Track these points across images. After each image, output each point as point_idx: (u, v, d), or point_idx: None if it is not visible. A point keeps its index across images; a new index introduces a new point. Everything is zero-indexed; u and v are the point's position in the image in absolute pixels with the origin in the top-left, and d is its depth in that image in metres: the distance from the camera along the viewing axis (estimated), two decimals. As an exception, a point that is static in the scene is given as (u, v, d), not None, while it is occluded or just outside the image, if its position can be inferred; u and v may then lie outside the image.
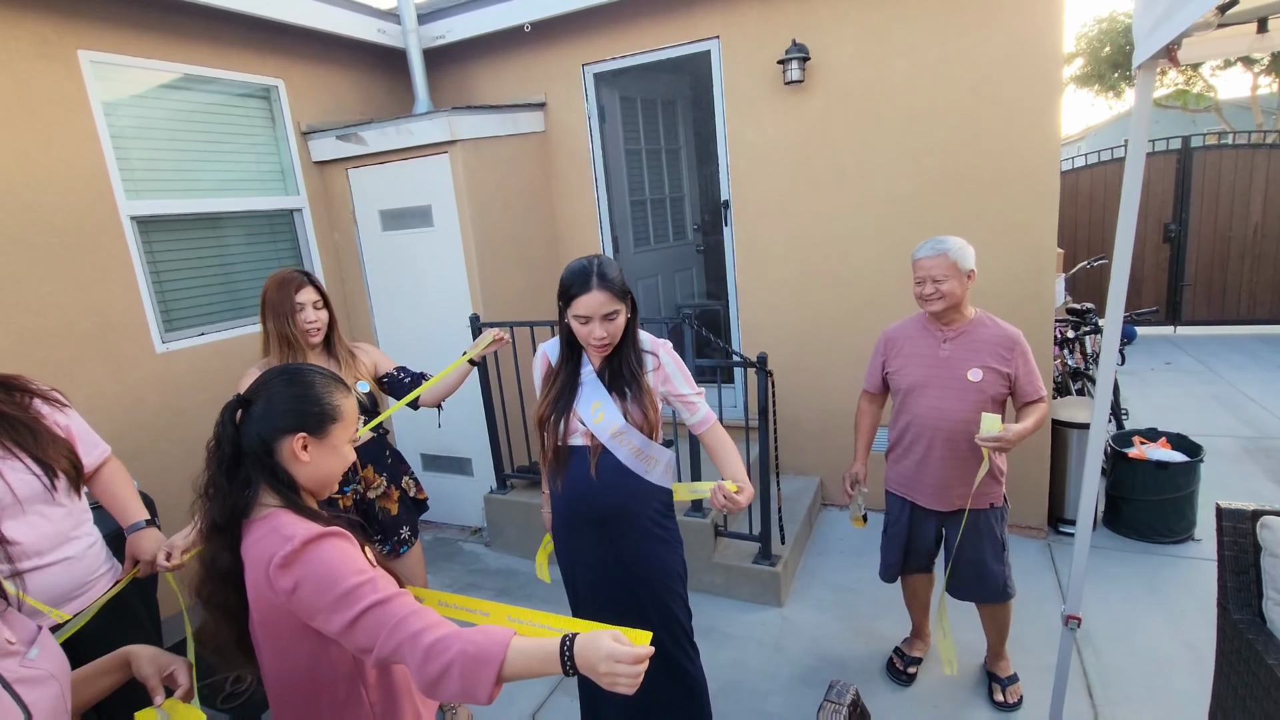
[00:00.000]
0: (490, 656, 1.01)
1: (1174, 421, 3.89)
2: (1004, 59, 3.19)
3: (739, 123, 3.76)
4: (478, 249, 3.64)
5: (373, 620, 1.06)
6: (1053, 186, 3.22)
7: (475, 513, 4.02)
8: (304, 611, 1.09)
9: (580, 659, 1.02)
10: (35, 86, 2.66)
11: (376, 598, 1.07)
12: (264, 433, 1.17)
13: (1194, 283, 7.19)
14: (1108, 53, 12.90)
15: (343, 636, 1.08)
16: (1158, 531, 3.33)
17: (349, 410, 1.26)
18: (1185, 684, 2.41)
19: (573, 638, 1.04)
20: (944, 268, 2.15)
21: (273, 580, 1.08)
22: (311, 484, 1.23)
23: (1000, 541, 2.33)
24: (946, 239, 2.19)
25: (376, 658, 1.06)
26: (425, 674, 1.02)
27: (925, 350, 2.30)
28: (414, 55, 3.97)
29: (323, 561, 1.09)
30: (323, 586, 1.07)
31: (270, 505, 1.17)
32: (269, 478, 1.18)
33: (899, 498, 2.45)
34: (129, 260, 2.97)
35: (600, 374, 1.89)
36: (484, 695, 1.01)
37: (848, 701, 1.28)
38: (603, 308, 1.74)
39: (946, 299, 2.17)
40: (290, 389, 1.21)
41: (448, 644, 1.02)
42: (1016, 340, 2.21)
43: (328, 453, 1.23)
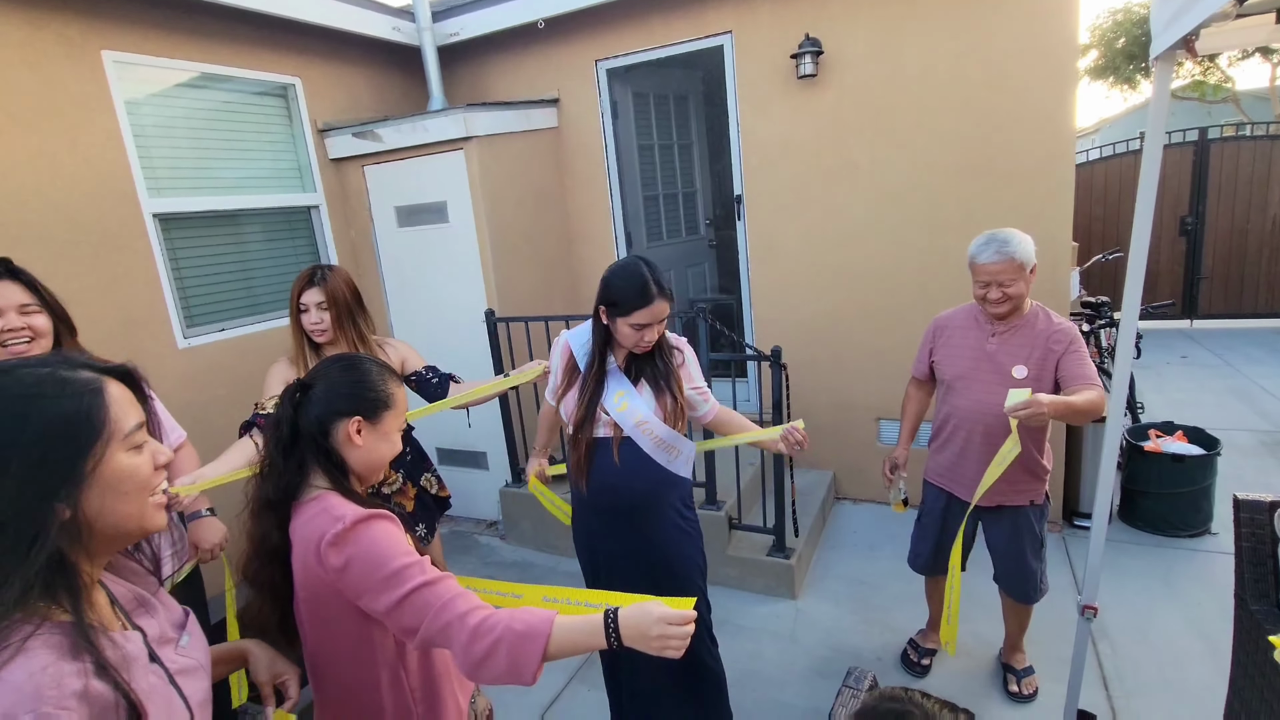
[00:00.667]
0: (537, 633, 1.04)
1: (1190, 415, 3.87)
2: (1018, 51, 3.18)
3: (752, 117, 3.76)
4: (492, 245, 3.67)
5: (420, 600, 1.08)
6: (1068, 179, 3.21)
7: (491, 506, 4.06)
8: (352, 590, 1.12)
9: (627, 629, 1.06)
10: (61, 87, 2.71)
11: (424, 579, 1.10)
12: (322, 415, 1.22)
13: (1211, 276, 7.12)
14: (1123, 44, 12.76)
15: (389, 616, 1.10)
16: (1173, 525, 3.32)
17: (401, 399, 1.32)
18: (1201, 676, 2.41)
19: (615, 611, 1.07)
20: (1011, 271, 2.04)
21: (323, 558, 1.11)
22: (361, 468, 1.27)
23: (1039, 539, 2.30)
24: (1008, 237, 2.06)
25: (422, 638, 1.09)
26: (471, 654, 1.04)
27: (973, 342, 2.23)
28: (428, 52, 4.00)
29: (373, 541, 1.12)
30: (372, 565, 1.10)
31: (320, 488, 1.22)
32: (322, 459, 1.22)
33: (937, 488, 2.42)
34: (151, 257, 3.02)
35: (626, 369, 1.92)
36: (529, 672, 1.03)
37: (865, 687, 1.30)
38: (662, 314, 1.79)
39: (1013, 302, 2.08)
40: (348, 375, 1.27)
41: (494, 623, 1.05)
42: (1067, 333, 2.09)
43: (379, 438, 1.27)
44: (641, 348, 1.84)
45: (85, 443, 0.78)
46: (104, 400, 0.81)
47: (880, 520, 3.77)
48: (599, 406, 1.89)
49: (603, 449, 1.92)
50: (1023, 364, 2.12)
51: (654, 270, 1.81)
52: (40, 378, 0.78)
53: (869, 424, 3.89)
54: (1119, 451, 2.73)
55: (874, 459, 3.92)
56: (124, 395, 0.85)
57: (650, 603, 1.08)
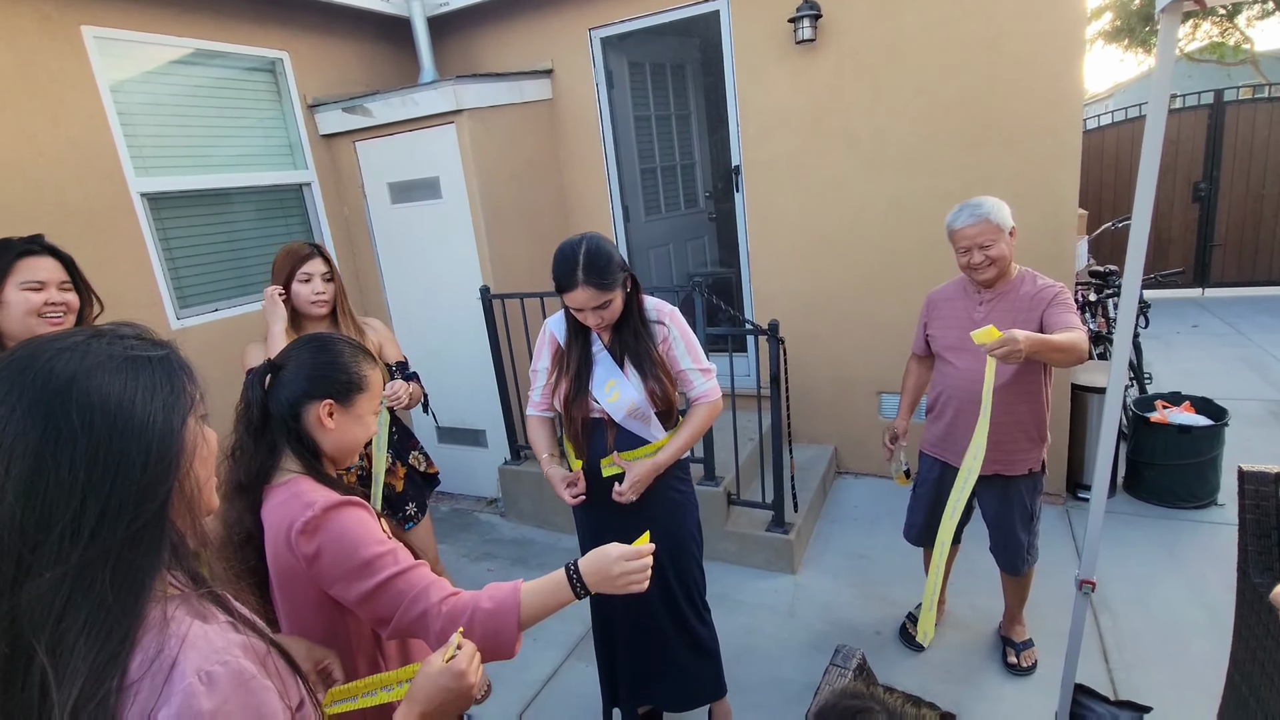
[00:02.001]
0: (507, 608, 1.07)
1: (1199, 385, 3.81)
2: (1023, 12, 3.07)
3: (749, 85, 3.67)
4: (486, 220, 3.61)
5: (394, 590, 1.08)
6: (1074, 145, 3.11)
7: (490, 484, 4.06)
8: (324, 579, 1.10)
9: (590, 575, 1.12)
10: (39, 64, 2.66)
11: (397, 568, 1.09)
12: (292, 398, 1.20)
13: (1224, 243, 6.98)
14: (1138, 5, 12.40)
15: (361, 606, 1.09)
16: (1179, 497, 3.28)
17: (375, 381, 1.28)
18: (1203, 648, 2.39)
19: (575, 562, 1.12)
20: (989, 232, 2.06)
21: (294, 546, 1.10)
22: (334, 451, 1.24)
23: (1029, 511, 2.29)
24: (980, 200, 2.08)
25: (395, 628, 1.08)
26: (447, 635, 1.04)
27: (961, 312, 2.24)
28: (418, 24, 3.91)
29: (344, 529, 1.10)
30: (343, 554, 1.09)
31: (291, 471, 1.19)
32: (294, 443, 1.20)
33: (931, 457, 2.42)
34: (141, 238, 2.98)
35: (611, 349, 1.88)
36: (508, 647, 1.06)
37: (853, 666, 1.27)
38: (591, 302, 1.71)
39: (998, 264, 2.09)
40: (319, 356, 1.23)
41: (464, 606, 1.07)
42: (1056, 290, 2.09)
43: (352, 421, 1.24)
44: (600, 325, 1.80)
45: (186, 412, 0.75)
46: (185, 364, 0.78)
47: (881, 494, 3.75)
48: (588, 394, 1.86)
49: (598, 428, 1.91)
50: (1012, 328, 2.09)
51: (593, 256, 1.69)
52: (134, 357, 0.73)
53: (870, 397, 3.85)
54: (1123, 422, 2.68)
55: (875, 433, 3.88)
56: None
57: (608, 547, 1.13)
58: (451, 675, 0.95)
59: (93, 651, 0.64)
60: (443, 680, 0.94)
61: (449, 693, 0.94)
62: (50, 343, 0.70)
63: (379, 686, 1.07)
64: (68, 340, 0.71)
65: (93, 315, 1.80)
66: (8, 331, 1.65)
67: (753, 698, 2.40)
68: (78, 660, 0.63)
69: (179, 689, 0.66)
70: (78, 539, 0.65)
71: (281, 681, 0.77)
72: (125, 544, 0.67)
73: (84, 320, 1.78)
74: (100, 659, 0.64)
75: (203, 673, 0.67)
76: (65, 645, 0.63)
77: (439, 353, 3.91)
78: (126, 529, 0.67)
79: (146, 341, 0.75)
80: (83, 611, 0.64)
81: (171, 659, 0.67)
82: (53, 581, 0.64)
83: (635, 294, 1.85)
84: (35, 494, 0.64)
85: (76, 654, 0.63)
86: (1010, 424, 2.17)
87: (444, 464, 2.91)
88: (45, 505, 0.64)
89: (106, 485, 0.66)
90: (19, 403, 0.66)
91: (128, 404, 0.69)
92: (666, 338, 1.90)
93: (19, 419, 0.65)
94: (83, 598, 0.64)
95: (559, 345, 1.94)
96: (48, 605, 0.64)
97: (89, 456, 0.66)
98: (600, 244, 1.74)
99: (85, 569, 0.65)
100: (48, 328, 1.65)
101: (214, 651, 0.70)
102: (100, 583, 0.65)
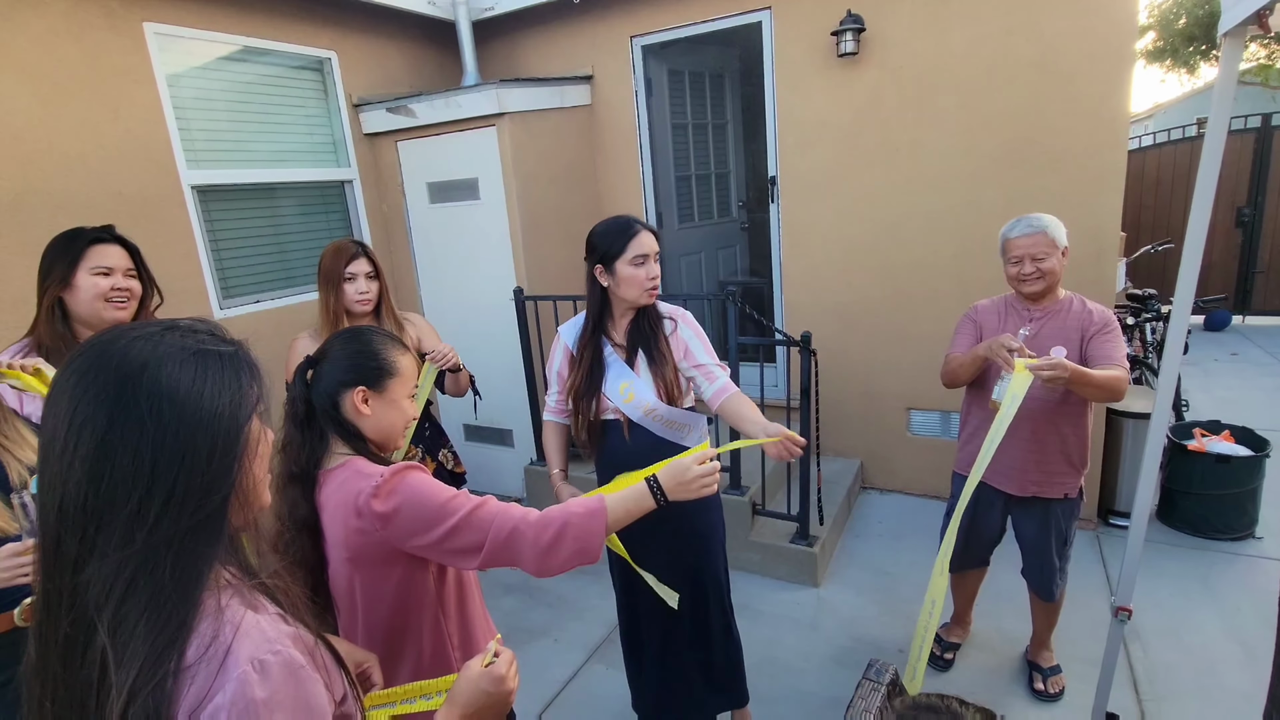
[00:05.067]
0: (596, 512, 1.20)
1: (1237, 415, 3.72)
2: (1071, 30, 3.04)
3: (789, 96, 3.67)
4: (523, 222, 3.66)
5: (477, 519, 1.17)
6: (1119, 166, 3.08)
7: (516, 483, 4.09)
8: (401, 534, 1.17)
9: (669, 484, 1.28)
10: (103, 58, 2.75)
11: (473, 504, 1.19)
12: (329, 388, 1.26)
13: (1267, 270, 6.81)
14: (1183, 25, 12.18)
15: (444, 544, 1.16)
16: (1215, 528, 3.21)
17: (406, 366, 1.33)
18: (1238, 683, 2.34)
19: (656, 476, 1.28)
20: (1044, 245, 2.06)
21: (365, 511, 1.15)
22: (375, 435, 1.30)
23: (1065, 536, 2.25)
24: (1040, 216, 2.09)
25: (488, 551, 1.17)
26: (541, 543, 1.17)
27: (1008, 329, 2.21)
28: (463, 27, 3.98)
29: (414, 486, 1.18)
30: (420, 505, 1.16)
31: (344, 454, 1.25)
32: (339, 430, 1.27)
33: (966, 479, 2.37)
34: (189, 228, 3.07)
35: (624, 345, 1.93)
36: (596, 547, 1.19)
37: (886, 680, 1.27)
38: (653, 245, 1.86)
39: (1047, 278, 2.09)
40: (349, 346, 1.30)
41: (555, 515, 1.19)
42: (1106, 319, 2.08)
43: (387, 406, 1.29)
44: (652, 291, 1.87)
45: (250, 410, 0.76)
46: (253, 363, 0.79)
47: (906, 511, 3.72)
48: (601, 394, 1.91)
49: (613, 429, 1.95)
50: (1060, 347, 2.07)
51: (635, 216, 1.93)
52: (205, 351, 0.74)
53: (899, 413, 3.82)
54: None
55: (903, 449, 3.86)
56: None
57: (681, 459, 1.30)
58: (491, 680, 0.98)
59: (152, 635, 0.66)
60: (483, 684, 0.98)
61: (489, 696, 0.97)
62: (128, 330, 0.73)
63: (418, 694, 1.10)
64: (144, 330, 0.73)
65: (153, 305, 1.87)
66: (76, 315, 1.72)
67: (774, 709, 2.39)
68: (137, 642, 0.65)
69: (234, 676, 0.67)
70: (143, 523, 0.67)
71: (327, 674, 0.78)
72: (188, 533, 0.69)
73: (145, 308, 1.84)
74: (159, 643, 0.66)
75: (256, 661, 0.69)
76: (126, 627, 0.65)
77: (470, 351, 3.93)
78: (191, 519, 0.69)
79: (218, 338, 0.77)
80: (144, 595, 0.66)
81: (226, 646, 0.69)
82: (118, 563, 0.66)
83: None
84: (102, 474, 0.66)
85: (137, 636, 0.65)
86: (1053, 446, 2.14)
87: (470, 462, 2.95)
88: (111, 486, 0.66)
89: (173, 474, 0.68)
90: (93, 384, 0.68)
91: (195, 396, 0.70)
92: (675, 332, 1.96)
93: (90, 400, 0.67)
94: (145, 582, 0.66)
95: (571, 352, 2.00)
96: (111, 586, 0.66)
97: (155, 443, 0.68)
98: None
99: (149, 554, 0.67)
100: (113, 312, 1.72)
101: (266, 641, 0.72)
102: (162, 568, 0.67)
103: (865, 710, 1.19)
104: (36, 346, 1.69)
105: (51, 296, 1.69)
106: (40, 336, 1.69)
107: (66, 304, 1.70)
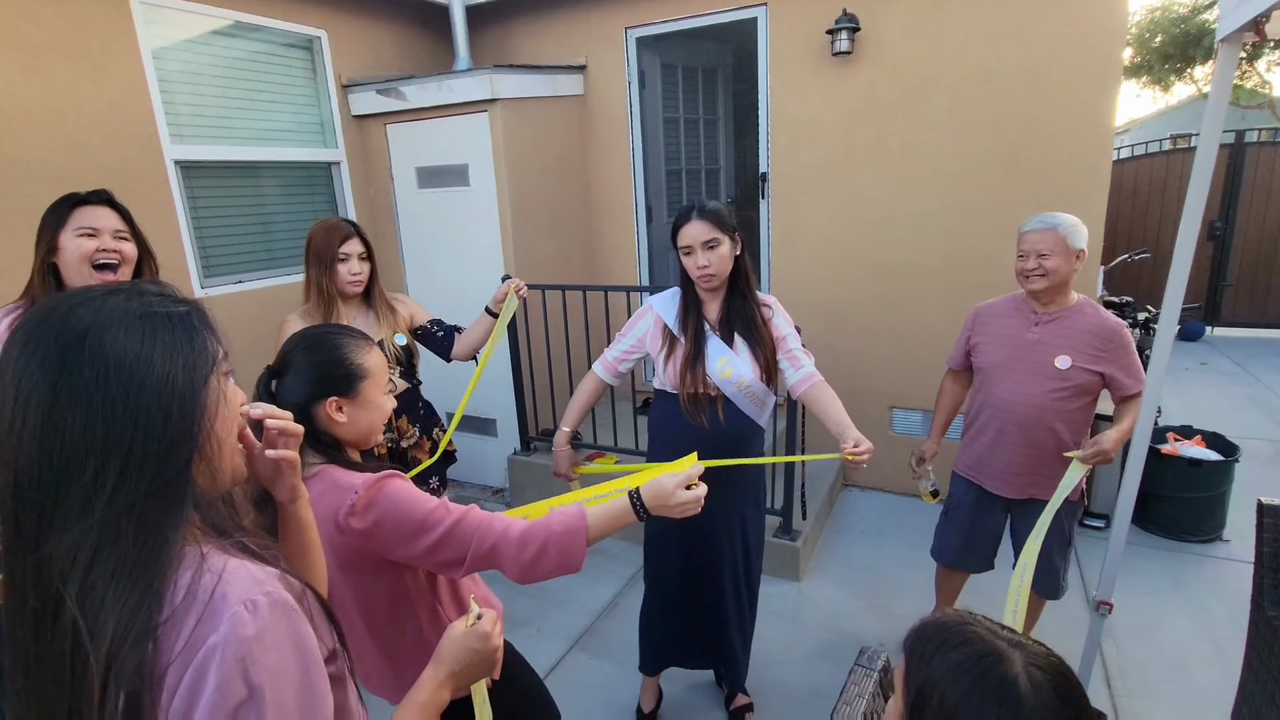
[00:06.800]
0: (577, 529, 1.20)
1: (1208, 421, 3.82)
2: (1061, 38, 3.09)
3: (782, 94, 3.69)
4: (513, 210, 3.63)
5: (458, 533, 1.16)
6: (1104, 172, 3.14)
7: (498, 473, 4.07)
8: (386, 546, 1.15)
9: (651, 501, 1.25)
10: (87, 25, 2.67)
11: (454, 517, 1.17)
12: (298, 401, 1.20)
13: (1236, 283, 7.00)
14: (1159, 43, 12.45)
15: (428, 557, 1.15)
16: (1186, 530, 3.29)
17: (375, 365, 1.28)
18: (1207, 680, 2.40)
19: (637, 490, 1.27)
20: (1050, 242, 2.03)
21: (345, 527, 1.13)
22: (354, 439, 1.26)
23: (1067, 537, 2.25)
24: (1057, 214, 2.07)
25: (469, 564, 1.17)
26: (523, 560, 1.17)
27: (1014, 330, 2.19)
28: (456, 11, 3.93)
29: (393, 499, 1.15)
30: (401, 519, 1.14)
31: (316, 464, 1.21)
32: (311, 442, 1.21)
33: (966, 480, 2.36)
34: (172, 204, 3.00)
35: (720, 325, 1.97)
36: (578, 562, 1.20)
37: (878, 668, 1.28)
38: (701, 235, 1.87)
39: (1049, 276, 2.05)
40: (312, 356, 1.23)
41: (536, 531, 1.18)
42: (1116, 332, 2.05)
43: (363, 408, 1.25)
44: (701, 278, 1.90)
45: (207, 371, 0.73)
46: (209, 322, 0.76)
47: (887, 508, 3.76)
48: (702, 370, 1.95)
49: (709, 404, 1.98)
50: (1066, 354, 2.07)
51: (706, 200, 1.94)
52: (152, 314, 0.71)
53: (882, 412, 3.86)
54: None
55: (886, 447, 3.88)
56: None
57: (662, 478, 1.26)
58: (478, 637, 1.00)
59: (120, 602, 0.64)
60: (470, 642, 1.00)
61: (476, 654, 0.99)
62: (70, 296, 0.70)
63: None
64: (86, 294, 0.71)
65: (151, 273, 1.83)
66: (69, 282, 1.68)
67: (756, 700, 2.41)
68: (107, 611, 0.64)
69: (225, 617, 0.66)
70: (101, 493, 0.65)
71: (314, 625, 0.77)
72: (148, 499, 0.67)
73: (141, 276, 1.80)
74: (128, 608, 0.64)
75: (248, 601, 0.68)
76: (94, 597, 0.64)
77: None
78: (150, 484, 0.67)
79: (169, 299, 0.74)
80: (109, 564, 0.65)
81: (210, 591, 0.67)
82: (79, 534, 0.65)
83: (743, 257, 1.96)
84: (52, 447, 0.65)
85: (106, 605, 0.64)
86: (1048, 449, 2.13)
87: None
88: (63, 458, 0.65)
89: (125, 442, 0.66)
90: (34, 355, 0.66)
91: (145, 361, 0.68)
92: (771, 318, 2.01)
93: (34, 371, 0.65)
94: (108, 551, 0.65)
95: (664, 323, 2.02)
96: (75, 559, 0.65)
97: (104, 412, 0.65)
98: (716, 201, 1.99)
99: (110, 523, 0.65)
100: (101, 277, 1.68)
101: (256, 582, 0.70)
102: (125, 537, 0.66)
103: (858, 695, 1.20)
104: (29, 309, 1.65)
105: (42, 260, 1.66)
106: (35, 300, 1.67)
107: (59, 269, 1.67)
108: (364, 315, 2.26)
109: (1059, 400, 2.09)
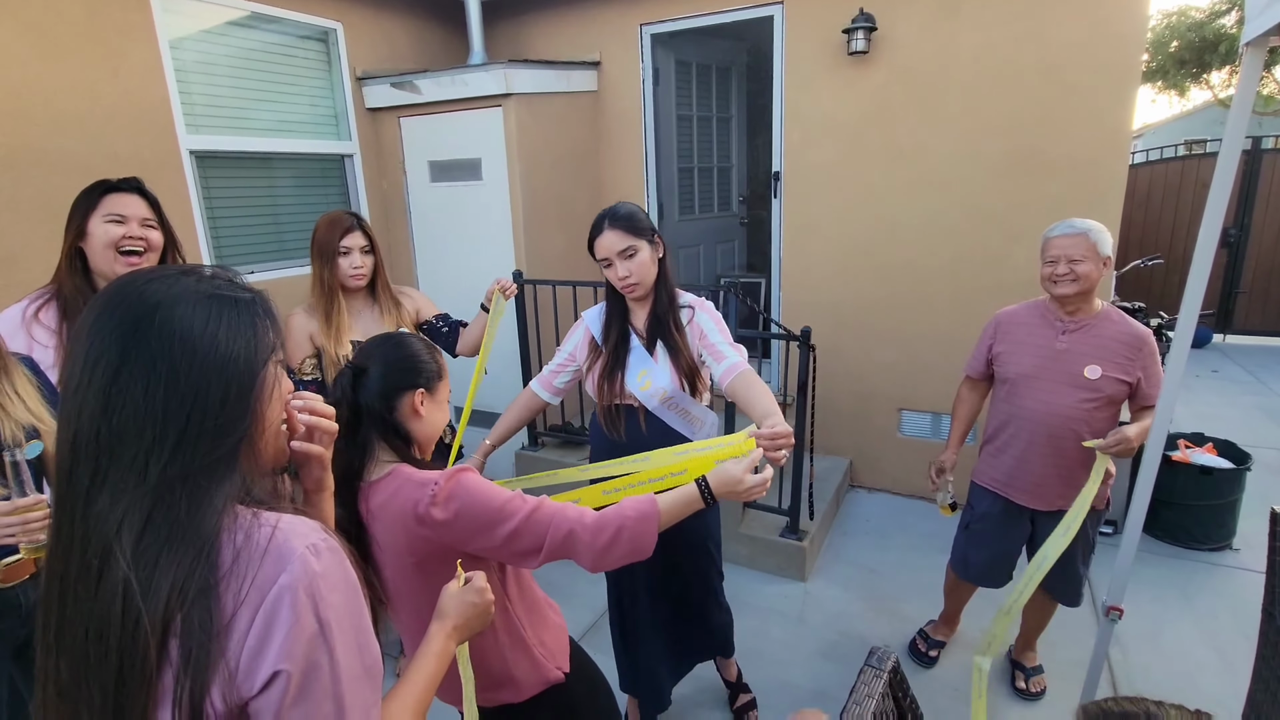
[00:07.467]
0: (650, 514, 1.25)
1: (1217, 429, 3.80)
2: (1079, 42, 3.07)
3: (797, 92, 3.68)
4: (525, 205, 3.63)
5: (534, 522, 1.20)
6: (1120, 177, 3.12)
7: (506, 468, 4.07)
8: (461, 538, 1.19)
9: (719, 488, 1.31)
10: (105, 14, 2.68)
11: (530, 506, 1.22)
12: (386, 390, 1.26)
13: (1249, 290, 6.94)
14: (1175, 48, 12.35)
15: (506, 546, 1.20)
16: (1195, 538, 3.27)
17: (446, 369, 1.38)
18: (1214, 688, 2.39)
19: (705, 479, 1.32)
20: (1082, 248, 1.98)
21: (424, 519, 1.17)
22: (422, 438, 1.31)
23: (1090, 543, 2.23)
24: (1084, 220, 2.03)
25: (546, 552, 1.21)
26: (597, 545, 1.22)
27: (1041, 340, 2.12)
28: (472, 5, 3.92)
29: (470, 491, 1.20)
30: (479, 509, 1.19)
31: (389, 462, 1.25)
32: (389, 435, 1.26)
33: (991, 493, 2.29)
34: (186, 194, 3.01)
35: (645, 330, 1.92)
36: (649, 546, 1.24)
37: (888, 668, 1.28)
38: (617, 245, 1.79)
39: (1081, 282, 1.99)
40: (403, 350, 1.31)
41: (609, 517, 1.24)
42: (1144, 340, 2.01)
43: (436, 407, 1.33)
44: (624, 287, 1.84)
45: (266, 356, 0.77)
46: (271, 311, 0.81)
47: (894, 510, 3.75)
48: (620, 383, 1.90)
49: (629, 415, 1.94)
50: (1095, 364, 2.03)
51: (619, 206, 1.83)
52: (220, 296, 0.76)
53: (890, 414, 3.85)
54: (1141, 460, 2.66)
55: (893, 449, 3.89)
56: None
57: (729, 464, 1.32)
58: (475, 591, 1.10)
59: (174, 563, 0.67)
60: (468, 596, 1.09)
61: (474, 607, 1.09)
62: (147, 272, 0.75)
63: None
64: (162, 272, 0.75)
65: (175, 262, 1.84)
66: (95, 268, 1.69)
67: (759, 699, 2.40)
68: (161, 572, 0.67)
69: (293, 558, 0.71)
70: (157, 459, 0.68)
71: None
72: (202, 472, 0.70)
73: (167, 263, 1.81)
74: (182, 569, 0.67)
75: (310, 545, 0.73)
76: (148, 559, 0.67)
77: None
78: (205, 458, 0.70)
79: (236, 285, 0.79)
80: (163, 528, 0.68)
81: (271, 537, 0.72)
82: (135, 497, 0.68)
83: (664, 261, 1.89)
84: (113, 408, 0.68)
85: (160, 566, 0.67)
86: (1074, 458, 2.09)
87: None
88: (122, 420, 0.68)
89: (185, 412, 0.69)
90: (108, 321, 0.70)
91: (209, 338, 0.72)
92: (693, 319, 1.93)
93: (105, 336, 0.69)
94: (162, 515, 0.68)
95: (593, 337, 1.99)
96: (127, 520, 0.68)
97: (167, 381, 0.69)
98: (629, 203, 1.88)
99: (165, 487, 0.68)
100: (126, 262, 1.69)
101: (311, 530, 0.75)
102: (178, 505, 0.69)
103: (868, 696, 1.20)
104: (57, 295, 1.69)
105: (70, 245, 1.68)
106: (61, 286, 1.69)
107: (86, 255, 1.69)
108: (369, 309, 2.27)
109: (1089, 410, 2.04)
